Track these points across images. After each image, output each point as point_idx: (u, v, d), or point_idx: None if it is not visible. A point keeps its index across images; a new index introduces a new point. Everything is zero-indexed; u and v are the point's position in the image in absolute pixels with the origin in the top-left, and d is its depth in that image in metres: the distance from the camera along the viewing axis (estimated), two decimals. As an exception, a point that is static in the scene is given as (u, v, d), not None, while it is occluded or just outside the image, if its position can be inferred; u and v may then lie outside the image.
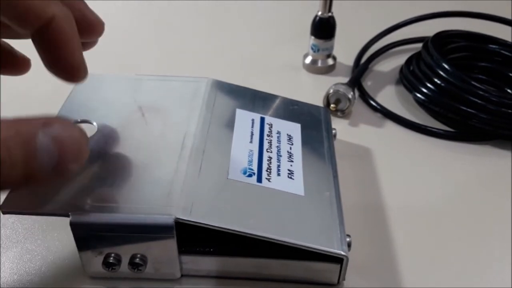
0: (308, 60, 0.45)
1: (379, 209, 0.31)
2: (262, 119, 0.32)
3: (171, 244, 0.24)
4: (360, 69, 0.43)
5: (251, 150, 0.29)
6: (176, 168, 0.26)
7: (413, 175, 0.34)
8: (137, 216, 0.24)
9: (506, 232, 0.30)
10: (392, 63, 0.46)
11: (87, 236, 0.24)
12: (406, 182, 0.33)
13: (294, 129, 0.32)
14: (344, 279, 0.26)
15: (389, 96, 0.41)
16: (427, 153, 0.36)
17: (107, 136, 0.29)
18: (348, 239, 0.25)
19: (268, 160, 0.29)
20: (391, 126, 0.38)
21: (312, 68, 0.45)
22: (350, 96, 0.38)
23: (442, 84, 0.37)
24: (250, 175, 0.27)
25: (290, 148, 0.30)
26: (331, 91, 0.38)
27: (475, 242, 0.29)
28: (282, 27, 0.53)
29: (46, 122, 0.19)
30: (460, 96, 0.36)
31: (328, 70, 0.45)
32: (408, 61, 0.43)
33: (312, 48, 0.44)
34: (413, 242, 0.29)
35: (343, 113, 0.39)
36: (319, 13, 0.42)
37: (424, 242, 0.29)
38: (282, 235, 0.24)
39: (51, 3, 0.22)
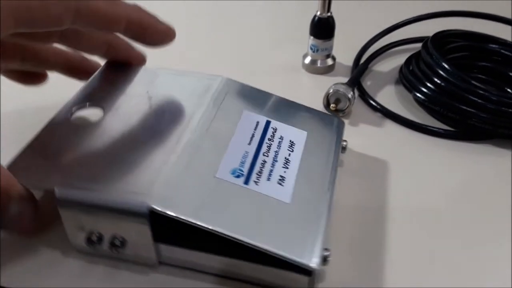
0: (308, 60, 0.45)
1: (378, 208, 0.31)
2: (268, 123, 0.31)
3: (146, 231, 0.25)
4: (359, 69, 0.43)
5: (247, 152, 0.29)
6: (166, 160, 0.27)
7: (413, 174, 0.33)
8: (115, 199, 0.25)
9: (507, 231, 0.29)
10: (391, 63, 0.46)
11: (69, 212, 0.25)
12: (406, 181, 0.33)
13: (299, 136, 0.31)
14: None
15: (389, 96, 0.41)
16: (427, 152, 0.36)
17: (111, 122, 0.30)
18: (326, 253, 0.24)
19: (262, 163, 0.28)
20: (391, 126, 0.38)
21: (312, 68, 0.45)
22: (350, 96, 0.38)
23: (442, 84, 0.37)
24: (238, 176, 0.27)
25: (289, 155, 0.29)
26: (331, 91, 0.38)
27: (476, 241, 0.29)
28: (281, 27, 0.53)
29: None
30: (460, 96, 0.36)
31: (328, 70, 0.45)
32: (408, 61, 0.43)
33: (311, 48, 0.44)
34: (413, 241, 0.29)
35: (343, 113, 0.39)
36: (318, 13, 0.42)
37: (425, 240, 0.29)
38: (253, 238, 0.24)
39: (118, 3, 0.29)
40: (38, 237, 0.28)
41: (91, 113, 0.31)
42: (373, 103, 0.40)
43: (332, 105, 0.38)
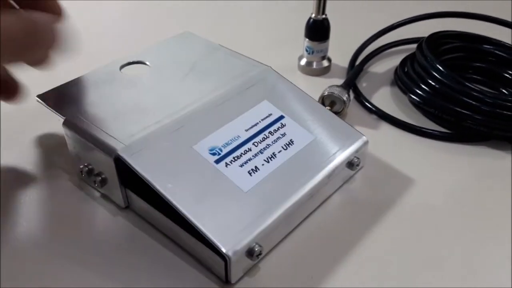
0: (303, 62, 0.45)
1: (374, 209, 0.31)
2: (280, 117, 0.32)
3: (114, 173, 0.28)
4: (355, 71, 0.43)
5: (238, 136, 0.30)
6: (160, 121, 0.30)
7: (409, 176, 0.33)
8: (98, 138, 0.28)
9: (505, 233, 0.29)
10: (387, 64, 0.46)
11: (71, 138, 0.30)
12: (401, 183, 0.33)
13: (303, 138, 0.31)
14: (232, 280, 0.26)
15: (384, 98, 0.41)
16: (422, 154, 0.36)
17: (143, 80, 0.34)
18: (256, 248, 0.25)
19: (245, 150, 0.29)
20: (386, 128, 0.38)
21: (307, 70, 0.45)
22: (344, 98, 0.38)
23: (437, 86, 0.37)
24: (214, 154, 0.28)
25: (279, 152, 0.30)
26: (326, 93, 0.38)
27: (473, 243, 0.29)
28: (277, 29, 0.53)
29: None
30: (455, 98, 0.36)
31: (324, 71, 0.45)
32: (403, 63, 0.43)
33: (306, 50, 0.44)
34: (410, 243, 0.29)
35: (338, 115, 0.38)
36: (313, 15, 0.42)
37: (421, 242, 0.29)
38: (186, 208, 0.25)
39: None
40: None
41: (140, 70, 0.36)
42: (369, 105, 0.40)
43: (327, 107, 0.38)
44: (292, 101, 0.33)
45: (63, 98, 0.32)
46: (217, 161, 0.28)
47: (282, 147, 0.30)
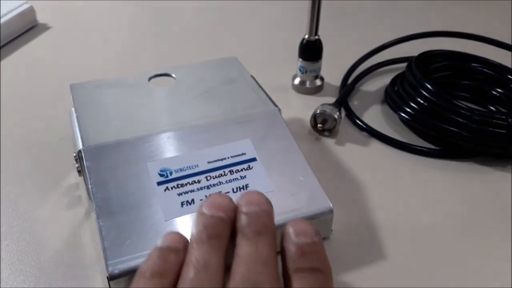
0: (297, 81, 0.46)
1: (365, 226, 0.32)
2: (252, 159, 0.30)
3: (83, 164, 0.31)
4: (346, 90, 0.44)
5: (197, 165, 0.30)
6: (138, 131, 0.32)
7: (398, 193, 0.34)
8: (77, 129, 0.32)
9: (494, 247, 0.30)
10: (378, 83, 0.47)
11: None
12: (391, 200, 0.34)
13: (261, 186, 0.29)
14: None
15: (375, 115, 0.42)
16: (412, 171, 0.37)
17: (165, 91, 0.36)
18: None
19: (193, 181, 0.29)
20: (376, 145, 0.39)
21: (301, 88, 0.46)
22: (336, 116, 0.39)
23: (425, 104, 0.38)
24: (162, 175, 0.29)
25: (226, 193, 0.28)
26: (318, 111, 0.39)
27: (461, 258, 0.30)
28: (272, 49, 0.54)
29: None
30: (443, 115, 0.37)
31: (317, 90, 0.46)
32: (393, 81, 0.44)
33: (300, 70, 0.45)
34: (398, 258, 0.29)
35: (330, 133, 0.40)
36: (306, 36, 0.43)
37: (410, 257, 0.30)
38: (103, 215, 0.27)
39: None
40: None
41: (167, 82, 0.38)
42: (359, 122, 0.41)
43: (319, 125, 0.39)
44: (276, 148, 0.32)
45: (89, 89, 0.36)
46: (160, 183, 0.28)
47: (233, 189, 0.29)
